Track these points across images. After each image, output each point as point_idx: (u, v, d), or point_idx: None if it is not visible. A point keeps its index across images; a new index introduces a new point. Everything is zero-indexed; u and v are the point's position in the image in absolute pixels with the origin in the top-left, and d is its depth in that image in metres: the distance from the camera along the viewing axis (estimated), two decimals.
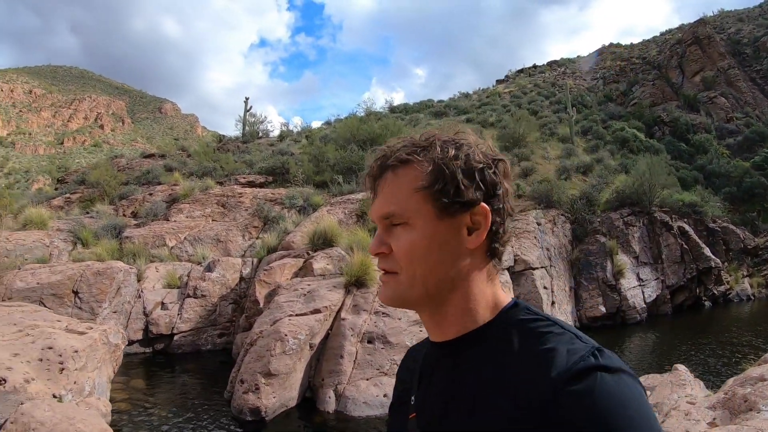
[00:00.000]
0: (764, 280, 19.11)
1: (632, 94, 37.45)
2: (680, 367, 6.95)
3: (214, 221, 14.88)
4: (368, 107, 32.03)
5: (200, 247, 13.47)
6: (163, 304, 11.21)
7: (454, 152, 0.94)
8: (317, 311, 8.16)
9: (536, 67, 59.51)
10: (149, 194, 17.09)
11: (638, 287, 14.73)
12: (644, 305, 14.57)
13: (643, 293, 14.77)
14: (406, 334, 8.14)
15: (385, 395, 7.37)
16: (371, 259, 8.74)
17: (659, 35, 53.79)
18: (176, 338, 10.86)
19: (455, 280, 0.96)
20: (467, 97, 46.86)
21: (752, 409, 4.41)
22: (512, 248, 12.61)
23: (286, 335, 7.43)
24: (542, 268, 12.63)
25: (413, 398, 1.04)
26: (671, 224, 16.37)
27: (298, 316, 8.04)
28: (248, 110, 30.35)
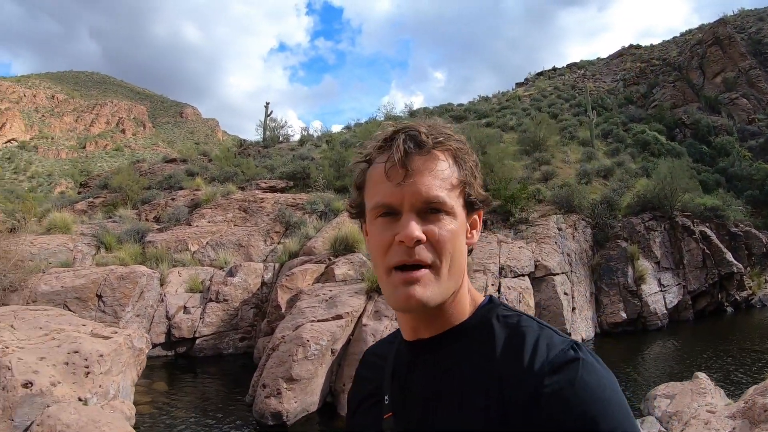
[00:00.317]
0: None
1: (653, 96, 36.98)
2: (701, 375, 6.90)
3: (236, 226, 15.01)
4: (388, 111, 32.10)
5: (222, 251, 13.60)
6: (185, 308, 11.34)
7: (470, 150, 0.98)
8: (339, 317, 8.20)
9: (556, 69, 59.24)
10: (171, 199, 17.29)
11: (659, 293, 14.54)
12: (665, 311, 14.36)
13: (664, 299, 14.57)
14: None
15: None
16: None
17: (679, 36, 52.97)
18: (198, 342, 10.98)
19: (463, 275, 0.98)
20: (487, 100, 46.71)
21: None
22: (533, 253, 12.55)
23: (308, 341, 7.49)
24: (563, 273, 12.52)
25: (387, 397, 1.02)
26: (693, 229, 16.16)
27: (319, 321, 8.10)
28: (269, 115, 30.63)
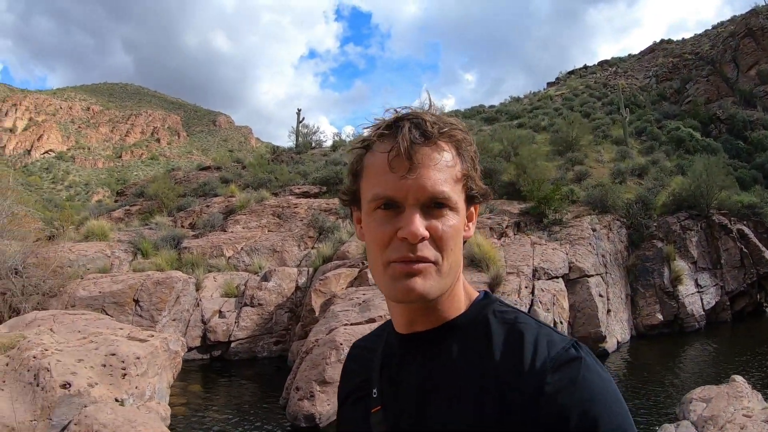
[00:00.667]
0: None
1: (686, 91, 36.12)
2: (738, 378, 6.72)
3: (270, 232, 15.21)
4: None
5: (257, 257, 13.79)
6: (220, 312, 11.53)
7: (472, 140, 0.95)
8: (372, 320, 8.26)
9: (587, 67, 58.50)
10: (206, 206, 17.59)
11: (696, 294, 14.20)
12: (702, 312, 14.01)
13: (701, 300, 14.22)
14: None
15: None
16: None
17: (711, 28, 51.59)
18: (233, 345, 11.15)
19: (460, 269, 0.96)
20: (518, 101, 46.31)
21: None
22: (567, 255, 12.40)
23: (341, 344, 7.55)
24: (598, 275, 12.31)
25: (375, 391, 0.99)
26: (730, 227, 15.75)
27: (353, 325, 8.17)
28: (301, 121, 30.96)
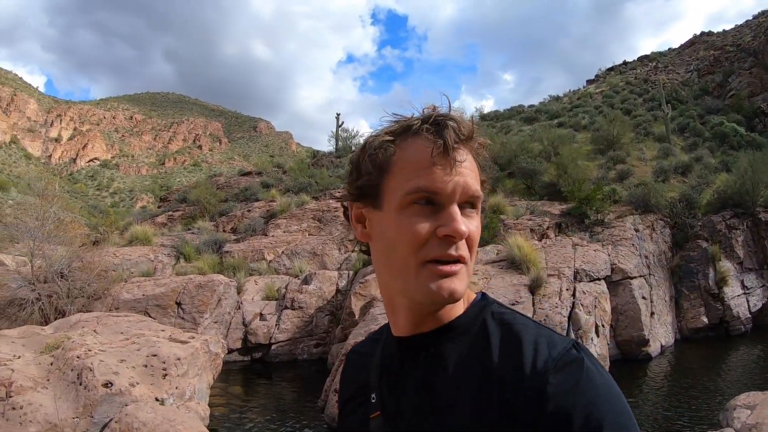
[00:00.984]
0: None
1: (729, 84, 34.98)
2: None
3: (310, 235, 15.38)
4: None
5: (297, 260, 13.96)
6: (261, 315, 11.72)
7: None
8: None
9: (626, 63, 57.22)
10: (247, 210, 17.89)
11: (743, 295, 13.68)
12: (749, 315, 13.48)
13: (747, 302, 13.69)
14: None
15: None
16: None
17: (752, 18, 49.78)
18: (274, 348, 11.32)
19: None
20: (558, 100, 45.80)
21: None
22: (609, 256, 12.13)
23: None
24: (641, 277, 11.96)
25: (373, 396, 0.98)
26: None
27: None
28: (340, 125, 31.29)
